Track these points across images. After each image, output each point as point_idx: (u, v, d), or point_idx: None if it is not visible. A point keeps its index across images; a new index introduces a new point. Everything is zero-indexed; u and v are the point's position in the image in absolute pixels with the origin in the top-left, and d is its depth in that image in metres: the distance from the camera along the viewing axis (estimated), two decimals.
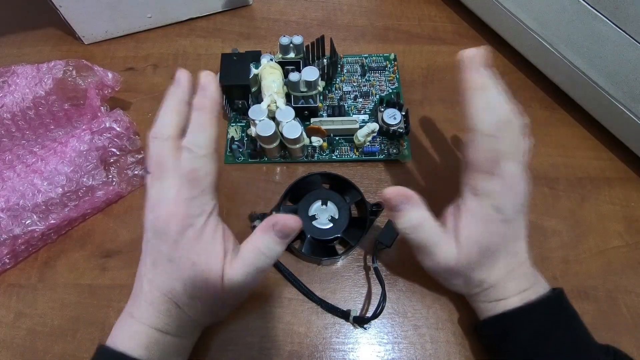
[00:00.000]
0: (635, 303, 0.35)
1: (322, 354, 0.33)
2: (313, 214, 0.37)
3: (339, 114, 0.42)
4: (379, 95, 0.44)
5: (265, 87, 0.38)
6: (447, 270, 0.30)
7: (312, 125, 0.39)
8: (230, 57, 0.40)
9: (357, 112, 0.43)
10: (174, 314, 0.28)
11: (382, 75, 0.45)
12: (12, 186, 0.35)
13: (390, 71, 0.45)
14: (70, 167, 0.36)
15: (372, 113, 0.43)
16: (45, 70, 0.39)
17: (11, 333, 0.34)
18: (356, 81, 0.45)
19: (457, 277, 0.30)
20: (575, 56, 0.39)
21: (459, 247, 0.28)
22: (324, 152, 0.40)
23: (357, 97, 0.44)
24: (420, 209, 0.29)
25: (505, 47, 0.46)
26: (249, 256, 0.28)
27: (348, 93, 0.44)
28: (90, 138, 0.37)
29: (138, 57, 0.48)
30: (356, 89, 0.44)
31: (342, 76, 0.45)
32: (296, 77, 0.38)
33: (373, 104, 0.43)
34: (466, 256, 0.28)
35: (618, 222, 0.38)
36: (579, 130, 0.43)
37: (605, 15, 0.35)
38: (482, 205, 0.28)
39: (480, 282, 0.29)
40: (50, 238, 0.37)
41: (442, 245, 0.29)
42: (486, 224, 0.28)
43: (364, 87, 0.44)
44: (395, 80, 0.45)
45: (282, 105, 0.38)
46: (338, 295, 0.35)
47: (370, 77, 0.45)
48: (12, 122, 0.39)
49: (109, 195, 0.38)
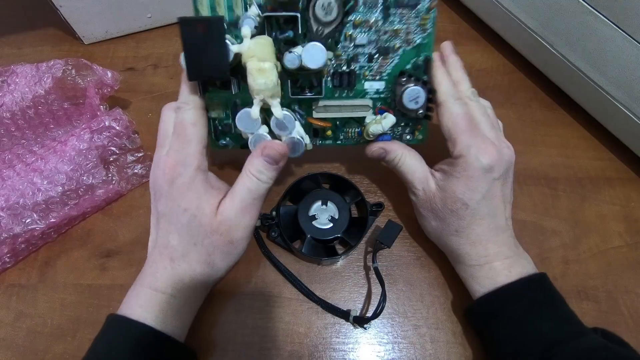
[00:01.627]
0: (635, 303, 0.35)
1: (322, 354, 0.33)
2: (313, 214, 0.37)
3: (348, 83, 0.32)
4: (403, 51, 0.31)
5: (254, 91, 0.28)
6: (426, 203, 0.32)
7: (315, 121, 0.33)
8: (194, 25, 0.26)
9: (371, 79, 0.32)
10: (169, 270, 0.29)
11: (411, 17, 0.31)
12: (12, 185, 0.35)
13: (424, 10, 0.30)
14: (70, 166, 0.36)
15: (388, 83, 0.32)
16: (44, 69, 0.39)
17: (11, 333, 0.33)
18: (375, 26, 0.31)
19: (435, 215, 0.32)
20: (575, 56, 0.39)
21: (439, 188, 0.32)
22: (328, 139, 0.35)
23: (373, 56, 0.31)
24: (400, 146, 0.33)
25: (505, 47, 0.47)
26: (242, 181, 0.29)
27: (362, 48, 0.31)
28: (90, 137, 0.37)
29: (138, 57, 0.48)
30: (374, 41, 0.31)
31: (356, 16, 0.30)
32: (294, 63, 0.28)
33: (392, 68, 0.32)
34: (442, 195, 0.31)
35: (618, 222, 0.38)
36: (579, 130, 0.43)
37: (605, 15, 0.35)
38: (463, 161, 0.30)
39: (456, 230, 0.31)
40: (50, 237, 0.37)
41: (421, 174, 0.32)
42: (466, 179, 0.30)
43: (385, 36, 0.31)
44: (430, 28, 0.31)
45: (279, 113, 0.29)
46: (338, 295, 0.35)
47: (396, 18, 0.30)
48: (11, 122, 0.39)
49: (109, 193, 0.38)
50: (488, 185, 0.30)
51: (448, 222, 0.31)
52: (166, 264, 0.29)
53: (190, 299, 0.30)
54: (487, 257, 0.31)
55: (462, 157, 0.30)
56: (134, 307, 0.28)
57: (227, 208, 0.29)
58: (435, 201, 0.32)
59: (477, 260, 0.31)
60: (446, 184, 0.31)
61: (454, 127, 0.30)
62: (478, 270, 0.31)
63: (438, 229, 0.33)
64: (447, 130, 0.31)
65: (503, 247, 0.31)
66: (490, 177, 0.30)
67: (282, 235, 0.36)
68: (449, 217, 0.31)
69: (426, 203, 0.33)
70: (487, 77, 0.46)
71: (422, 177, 0.32)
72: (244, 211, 0.29)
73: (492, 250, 0.31)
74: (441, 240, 0.33)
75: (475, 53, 0.48)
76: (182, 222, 0.29)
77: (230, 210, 0.29)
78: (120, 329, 0.28)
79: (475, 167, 0.29)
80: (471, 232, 0.31)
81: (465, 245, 0.31)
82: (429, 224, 0.34)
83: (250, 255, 0.36)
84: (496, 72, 0.47)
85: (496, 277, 0.30)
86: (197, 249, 0.29)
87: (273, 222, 0.36)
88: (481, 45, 0.48)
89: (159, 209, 0.30)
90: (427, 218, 0.33)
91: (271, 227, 0.36)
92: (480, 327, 0.32)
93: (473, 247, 0.31)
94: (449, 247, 0.33)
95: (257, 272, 0.36)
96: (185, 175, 0.29)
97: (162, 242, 0.29)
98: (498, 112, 0.44)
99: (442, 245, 0.34)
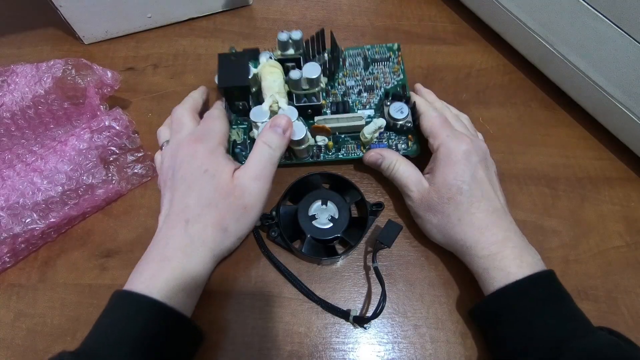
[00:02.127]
0: (635, 303, 0.35)
1: (322, 354, 0.33)
2: (313, 214, 0.37)
3: (344, 110, 0.40)
4: (384, 89, 0.42)
5: (266, 88, 0.37)
6: (423, 202, 0.34)
7: (316, 125, 0.37)
8: (228, 57, 0.38)
9: (362, 108, 0.41)
10: (182, 234, 0.30)
11: (386, 67, 0.43)
12: (12, 185, 0.35)
13: (394, 62, 0.43)
14: (70, 166, 0.36)
15: (377, 108, 0.41)
16: (44, 69, 0.39)
17: (11, 333, 0.34)
18: (359, 75, 0.43)
19: (434, 212, 0.33)
20: (575, 56, 0.39)
21: (432, 184, 0.34)
22: (330, 152, 0.39)
23: (362, 92, 0.42)
24: (394, 154, 0.36)
25: (505, 47, 0.47)
26: (255, 151, 0.33)
27: (351, 88, 0.42)
28: (90, 137, 0.37)
29: (138, 57, 0.48)
30: (360, 83, 0.42)
31: (344, 70, 0.43)
32: (297, 75, 0.36)
33: (378, 98, 0.41)
34: (436, 188, 0.33)
35: (618, 222, 0.38)
36: (579, 130, 0.43)
37: (605, 15, 0.35)
38: (445, 149, 0.34)
39: (459, 219, 0.32)
40: (50, 237, 0.37)
41: (414, 178, 0.35)
42: (452, 165, 0.33)
43: (368, 81, 0.42)
44: (400, 72, 0.43)
45: (285, 106, 0.36)
46: (338, 295, 0.35)
47: (374, 69, 0.43)
48: (11, 121, 0.39)
49: (108, 193, 0.38)
50: (472, 168, 0.33)
51: (448, 214, 0.32)
52: (180, 228, 0.30)
53: (198, 267, 0.30)
54: (497, 243, 0.31)
55: (443, 146, 0.34)
56: (140, 281, 0.29)
57: (242, 174, 0.32)
58: (431, 196, 0.33)
59: (489, 248, 0.31)
60: (436, 177, 0.33)
61: (432, 126, 0.35)
62: (491, 261, 0.31)
63: (440, 224, 0.33)
64: (427, 130, 0.35)
65: (509, 232, 0.32)
66: (472, 161, 0.33)
67: (282, 235, 0.36)
68: (447, 208, 0.32)
69: (422, 202, 0.34)
70: (487, 77, 0.46)
71: (416, 179, 0.35)
72: (257, 177, 0.32)
73: (500, 236, 0.31)
74: (447, 236, 0.33)
75: (475, 53, 0.48)
76: (201, 183, 0.31)
77: (245, 176, 0.32)
78: (123, 303, 0.28)
79: (456, 152, 0.33)
80: (473, 217, 0.32)
81: (472, 233, 0.32)
82: (429, 224, 0.34)
83: (250, 255, 0.36)
84: (496, 72, 0.47)
85: (508, 268, 0.30)
86: (211, 210, 0.31)
87: (273, 222, 0.36)
88: (481, 45, 0.48)
89: (177, 177, 0.32)
90: (427, 218, 0.34)
91: (271, 227, 0.36)
92: (486, 325, 0.32)
93: (481, 233, 0.31)
94: (456, 239, 0.32)
95: (257, 272, 0.36)
96: (209, 143, 0.33)
97: (178, 207, 0.31)
98: (498, 112, 0.44)
99: (449, 241, 0.33)
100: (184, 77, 0.46)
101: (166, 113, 0.42)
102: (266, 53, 0.39)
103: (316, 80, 0.37)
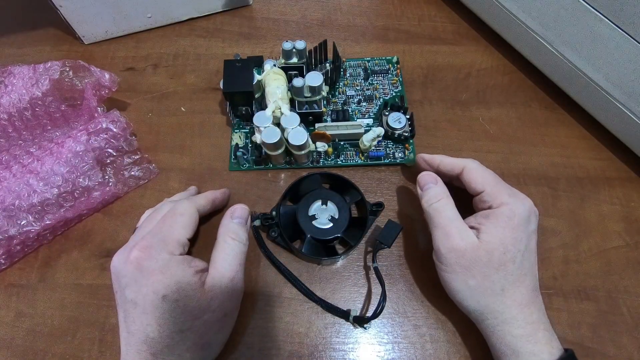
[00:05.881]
0: (635, 303, 0.35)
1: (322, 354, 0.33)
2: (313, 214, 0.37)
3: (343, 118, 0.42)
4: (383, 99, 0.43)
5: (270, 94, 0.38)
6: (464, 258, 0.29)
7: (317, 131, 0.38)
8: (233, 63, 0.39)
9: (361, 117, 0.43)
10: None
11: (385, 79, 0.45)
12: (7, 186, 0.35)
13: (393, 74, 0.45)
14: (66, 168, 0.36)
15: (376, 117, 0.42)
16: (42, 70, 0.39)
17: (11, 333, 0.34)
18: (359, 85, 0.44)
19: (475, 273, 0.29)
20: (575, 56, 0.39)
21: (482, 241, 0.29)
22: (329, 158, 0.40)
23: (361, 101, 0.43)
24: (444, 187, 0.33)
25: (505, 47, 0.46)
26: (221, 249, 0.30)
27: (352, 97, 0.44)
28: (87, 139, 0.37)
29: (138, 57, 0.48)
30: (359, 93, 0.44)
31: (345, 80, 0.45)
32: (300, 83, 0.37)
33: (377, 108, 0.43)
34: (489, 248, 0.29)
35: (618, 222, 0.38)
36: (579, 130, 0.43)
37: (605, 15, 0.35)
38: (508, 209, 0.30)
39: (502, 289, 0.28)
40: (45, 238, 0.37)
41: (460, 225, 0.30)
42: (512, 229, 0.29)
43: (368, 91, 0.44)
44: (399, 84, 0.45)
45: (287, 112, 0.37)
46: (338, 295, 0.35)
47: (374, 80, 0.45)
48: (8, 123, 0.39)
49: (105, 196, 0.38)
50: (528, 237, 0.30)
51: (493, 280, 0.28)
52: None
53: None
54: (533, 324, 0.28)
55: (505, 206, 0.30)
56: None
57: (218, 281, 0.28)
58: (479, 255, 0.29)
59: (525, 328, 0.28)
60: (492, 235, 0.29)
61: (485, 181, 0.31)
62: (523, 343, 0.28)
63: (480, 289, 0.29)
64: (480, 185, 0.31)
65: (541, 313, 0.29)
66: (530, 228, 0.30)
67: (282, 235, 0.36)
68: (494, 274, 0.28)
69: (464, 257, 0.29)
70: (487, 77, 0.46)
71: (462, 226, 0.30)
72: (234, 277, 0.29)
73: (536, 316, 0.29)
74: (482, 304, 0.29)
75: (475, 53, 0.48)
76: (161, 311, 0.26)
77: (222, 282, 0.28)
78: None
79: (520, 215, 0.29)
80: (516, 292, 0.29)
81: (512, 308, 0.28)
82: (464, 284, 0.29)
83: (250, 255, 0.36)
84: (496, 72, 0.47)
85: (541, 354, 0.28)
86: (185, 335, 0.26)
87: (273, 222, 0.36)
88: (481, 45, 0.48)
89: (128, 297, 0.26)
90: (463, 277, 0.29)
91: (271, 227, 0.36)
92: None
93: (520, 310, 0.28)
94: (492, 309, 0.29)
95: (257, 272, 0.36)
96: (157, 259, 0.27)
97: (137, 337, 0.26)
98: (498, 112, 0.44)
99: (483, 309, 0.29)
100: (184, 77, 0.46)
101: (166, 113, 0.42)
102: (270, 61, 0.40)
103: (318, 89, 0.38)
